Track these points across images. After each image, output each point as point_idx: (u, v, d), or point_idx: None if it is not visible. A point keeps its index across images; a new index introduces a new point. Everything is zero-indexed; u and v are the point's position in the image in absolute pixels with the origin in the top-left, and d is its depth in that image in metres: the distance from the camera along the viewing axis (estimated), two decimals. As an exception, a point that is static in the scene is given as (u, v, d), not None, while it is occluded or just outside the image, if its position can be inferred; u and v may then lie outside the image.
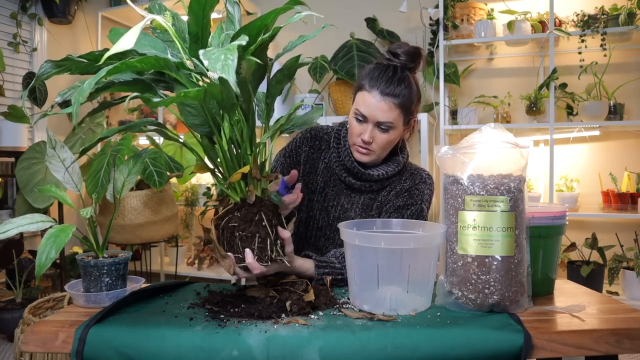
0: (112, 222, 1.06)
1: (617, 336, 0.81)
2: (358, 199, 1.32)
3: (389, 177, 1.30)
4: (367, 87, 1.20)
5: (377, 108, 1.18)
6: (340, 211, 1.32)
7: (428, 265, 0.92)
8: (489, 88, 2.89)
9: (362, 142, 1.22)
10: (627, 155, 2.68)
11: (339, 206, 1.32)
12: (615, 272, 2.45)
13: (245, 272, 0.95)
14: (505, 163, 0.90)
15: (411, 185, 1.31)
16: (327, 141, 1.36)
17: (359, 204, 1.32)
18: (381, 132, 1.21)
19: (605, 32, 2.45)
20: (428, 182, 1.33)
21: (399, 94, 1.19)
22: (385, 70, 1.20)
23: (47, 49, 3.18)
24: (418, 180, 1.32)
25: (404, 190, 1.30)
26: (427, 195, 1.31)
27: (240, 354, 0.77)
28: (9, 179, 2.94)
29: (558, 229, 1.02)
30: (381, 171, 1.29)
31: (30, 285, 2.66)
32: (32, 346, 0.84)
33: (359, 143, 1.24)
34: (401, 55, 1.22)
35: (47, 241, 0.85)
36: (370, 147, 1.23)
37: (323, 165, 1.35)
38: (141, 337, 0.81)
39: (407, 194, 1.29)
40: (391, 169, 1.29)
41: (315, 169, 1.35)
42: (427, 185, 1.32)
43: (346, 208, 1.32)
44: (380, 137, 1.22)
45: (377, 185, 1.30)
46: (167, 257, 3.59)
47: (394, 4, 2.92)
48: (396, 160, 1.31)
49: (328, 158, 1.35)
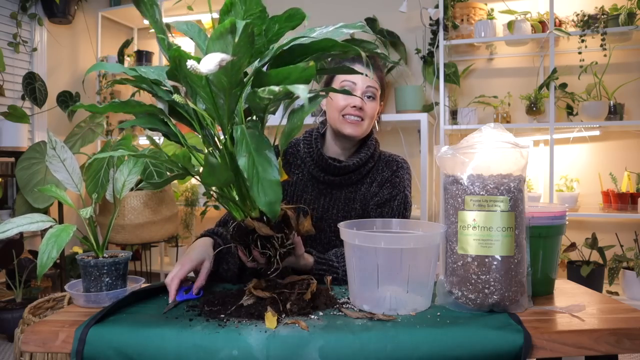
0: (112, 222, 1.06)
1: (617, 336, 0.81)
2: (339, 195, 1.36)
3: (364, 163, 1.35)
4: (348, 65, 1.27)
5: (364, 75, 1.28)
6: (322, 211, 1.36)
7: (428, 265, 0.92)
8: (489, 88, 2.89)
9: (353, 109, 1.29)
10: (627, 155, 2.68)
11: (320, 207, 1.36)
12: (615, 272, 2.45)
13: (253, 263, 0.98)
14: (505, 163, 0.90)
15: (390, 174, 1.37)
16: (294, 153, 1.41)
17: (341, 200, 1.36)
18: (368, 99, 1.32)
19: (605, 32, 2.45)
20: (405, 166, 1.40)
21: (377, 69, 1.36)
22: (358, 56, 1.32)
23: (47, 49, 3.18)
24: (395, 166, 1.39)
25: (384, 180, 1.36)
26: (407, 180, 1.39)
27: (240, 353, 0.77)
28: (9, 179, 2.94)
29: (558, 229, 1.02)
30: (355, 160, 1.34)
31: (30, 285, 2.66)
32: (32, 346, 0.84)
33: (350, 112, 1.30)
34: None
35: (48, 241, 0.85)
36: (362, 114, 1.30)
37: (295, 177, 1.39)
38: (141, 337, 0.81)
39: (390, 184, 1.36)
40: (363, 154, 1.35)
41: (288, 182, 1.38)
42: (405, 170, 1.39)
43: (327, 207, 1.36)
44: (369, 105, 1.32)
45: (356, 176, 1.35)
46: (167, 257, 3.59)
47: (394, 4, 2.92)
48: (366, 145, 1.37)
49: (300, 167, 1.39)
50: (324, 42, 0.79)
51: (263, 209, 0.77)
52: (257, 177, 0.77)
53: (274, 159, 0.79)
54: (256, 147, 0.78)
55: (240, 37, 0.68)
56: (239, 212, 0.92)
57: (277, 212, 0.78)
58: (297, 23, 0.83)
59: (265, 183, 0.77)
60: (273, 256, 0.93)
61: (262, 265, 0.95)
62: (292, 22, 0.83)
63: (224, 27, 0.68)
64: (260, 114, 0.87)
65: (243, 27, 0.68)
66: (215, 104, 0.80)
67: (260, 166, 0.77)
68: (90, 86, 3.52)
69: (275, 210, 0.78)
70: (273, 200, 0.77)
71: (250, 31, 0.69)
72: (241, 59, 0.73)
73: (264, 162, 0.77)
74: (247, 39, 0.70)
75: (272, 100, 0.79)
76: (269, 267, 0.94)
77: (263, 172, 0.77)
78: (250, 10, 0.78)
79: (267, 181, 0.77)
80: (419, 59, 2.96)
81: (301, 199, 1.37)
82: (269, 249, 0.92)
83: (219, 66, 0.69)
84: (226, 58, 0.69)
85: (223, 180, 0.83)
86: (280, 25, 0.83)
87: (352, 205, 1.35)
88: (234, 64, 0.72)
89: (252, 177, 0.76)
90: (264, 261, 0.94)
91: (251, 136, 0.79)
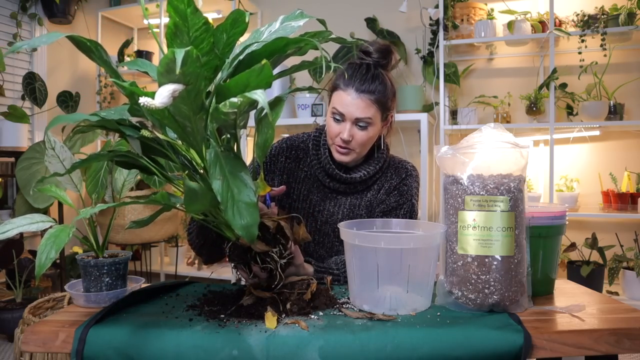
0: (112, 222, 1.06)
1: (617, 336, 0.81)
2: (344, 201, 1.32)
3: (371, 176, 1.31)
4: (343, 86, 1.21)
5: (354, 105, 1.19)
6: (327, 215, 1.32)
7: (428, 265, 0.92)
8: (489, 88, 2.89)
9: (341, 141, 1.23)
10: (627, 155, 2.68)
11: (325, 211, 1.33)
12: (615, 272, 2.45)
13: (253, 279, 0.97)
14: (505, 163, 0.90)
15: (399, 182, 1.32)
16: (305, 149, 1.36)
17: (346, 205, 1.32)
18: (360, 129, 1.22)
19: (605, 32, 2.45)
20: (414, 174, 1.35)
21: (374, 90, 1.20)
22: (358, 68, 1.22)
23: (47, 49, 3.17)
24: (404, 174, 1.34)
25: (392, 188, 1.32)
26: (415, 188, 1.35)
27: (240, 354, 0.77)
28: (9, 179, 2.94)
29: (558, 229, 1.02)
30: (363, 172, 1.30)
31: (30, 285, 2.65)
32: (32, 346, 0.84)
33: (338, 143, 1.24)
34: (373, 53, 1.24)
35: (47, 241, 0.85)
36: (349, 145, 1.23)
37: (303, 174, 1.34)
38: (141, 337, 0.81)
39: (397, 192, 1.31)
40: (372, 168, 1.30)
41: (296, 178, 1.35)
42: (413, 179, 1.34)
43: (332, 211, 1.32)
44: (359, 134, 1.22)
45: (362, 186, 1.32)
46: (167, 257, 3.59)
47: (394, 4, 2.92)
48: (376, 158, 1.32)
49: (308, 166, 1.35)
50: (276, 43, 0.77)
51: (239, 233, 0.75)
52: (232, 200, 0.74)
53: (250, 180, 0.77)
54: (231, 169, 0.76)
55: (186, 65, 0.66)
56: (232, 231, 0.90)
57: (254, 235, 0.76)
58: (243, 27, 0.80)
59: (241, 205, 0.75)
60: (274, 269, 0.92)
61: (264, 280, 0.94)
62: (238, 27, 0.79)
63: (167, 58, 0.65)
64: (231, 130, 0.84)
65: (184, 56, 0.65)
66: (184, 131, 0.78)
67: (236, 188, 0.75)
68: (90, 86, 3.53)
69: (252, 233, 0.75)
70: (250, 223, 0.75)
71: (194, 56, 0.66)
72: (195, 84, 0.70)
73: (240, 184, 0.75)
74: (194, 63, 0.67)
75: (238, 114, 0.76)
76: (272, 281, 0.93)
77: (238, 194, 0.75)
78: (195, 26, 0.74)
79: (243, 203, 0.75)
80: (419, 59, 2.97)
81: (307, 200, 1.34)
82: (269, 262, 0.91)
83: (172, 97, 0.67)
84: (178, 88, 0.67)
85: (208, 203, 0.79)
86: (227, 34, 0.80)
87: (357, 211, 1.32)
88: (189, 91, 0.70)
89: (227, 200, 0.74)
90: (265, 276, 0.93)
91: (225, 158, 0.77)
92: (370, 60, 1.24)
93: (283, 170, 1.35)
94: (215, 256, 1.18)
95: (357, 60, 1.26)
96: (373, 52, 1.24)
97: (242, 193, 0.75)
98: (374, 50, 1.24)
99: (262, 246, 0.89)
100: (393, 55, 1.26)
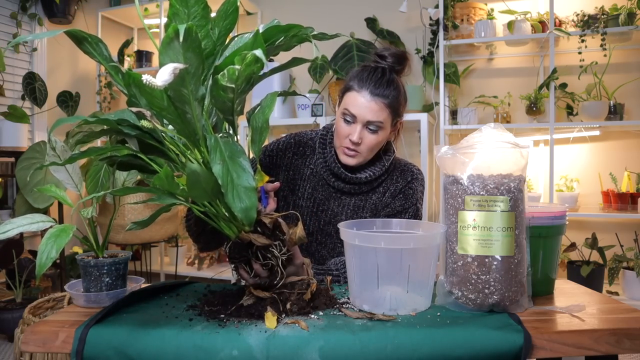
0: (112, 222, 1.06)
1: (617, 336, 0.81)
2: (349, 202, 1.32)
3: (376, 178, 1.30)
4: (357, 88, 1.20)
5: (367, 108, 1.19)
6: (331, 215, 1.32)
7: (428, 265, 0.92)
8: (489, 88, 2.89)
9: (350, 143, 1.22)
10: (627, 155, 2.68)
11: (329, 210, 1.32)
12: (615, 272, 2.45)
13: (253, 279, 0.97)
14: (505, 163, 0.90)
15: (404, 185, 1.32)
16: (312, 147, 1.36)
17: (350, 206, 1.32)
18: (370, 132, 1.21)
19: (605, 32, 2.45)
20: (419, 177, 1.35)
21: (389, 94, 1.19)
22: (373, 71, 1.21)
23: (47, 49, 3.18)
24: (410, 177, 1.33)
25: (398, 192, 1.31)
26: (420, 192, 1.34)
27: (240, 354, 0.77)
28: (9, 179, 2.94)
29: (558, 229, 1.02)
30: (368, 172, 1.29)
31: (30, 285, 2.66)
32: (32, 346, 0.84)
33: (346, 144, 1.23)
34: (388, 57, 1.23)
35: (48, 241, 0.85)
36: (357, 148, 1.22)
37: (309, 171, 1.34)
38: (141, 337, 0.81)
39: (402, 196, 1.31)
40: (378, 169, 1.30)
41: (301, 175, 1.34)
42: (419, 182, 1.34)
43: (336, 212, 1.32)
44: (369, 137, 1.21)
45: (367, 187, 1.31)
46: (167, 257, 3.59)
47: (394, 4, 2.92)
48: (382, 161, 1.31)
49: (314, 163, 1.34)
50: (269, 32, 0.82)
51: (238, 215, 0.77)
52: (231, 184, 0.77)
53: (248, 165, 0.79)
54: (230, 154, 0.78)
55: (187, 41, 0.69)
56: (231, 228, 0.90)
57: (252, 218, 0.78)
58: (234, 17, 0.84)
59: (240, 189, 0.77)
60: (275, 264, 0.92)
61: (265, 279, 0.94)
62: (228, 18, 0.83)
63: (168, 36, 0.69)
64: (229, 116, 0.86)
65: (185, 29, 0.68)
66: (183, 121, 0.80)
67: (235, 173, 0.77)
68: (90, 86, 3.53)
69: (250, 216, 0.78)
70: (248, 206, 0.78)
71: (194, 34, 0.69)
72: (194, 64, 0.73)
73: (239, 168, 0.78)
74: (194, 42, 0.70)
75: (236, 92, 0.78)
76: (273, 278, 0.93)
77: (237, 178, 0.77)
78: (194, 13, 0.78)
79: (242, 187, 0.77)
80: (419, 59, 2.97)
81: (311, 198, 1.33)
82: (270, 258, 0.92)
83: (173, 75, 0.70)
84: (179, 66, 0.70)
85: (210, 189, 0.80)
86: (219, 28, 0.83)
87: (361, 213, 1.31)
88: (189, 72, 0.72)
89: (227, 184, 0.76)
90: (266, 274, 0.93)
91: (225, 144, 0.79)
92: (385, 64, 1.23)
93: (289, 165, 1.34)
94: (212, 244, 1.20)
95: (371, 63, 1.25)
96: (388, 57, 1.23)
97: (241, 177, 0.78)
98: (389, 54, 1.23)
99: (263, 239, 0.90)
100: (407, 62, 1.26)
